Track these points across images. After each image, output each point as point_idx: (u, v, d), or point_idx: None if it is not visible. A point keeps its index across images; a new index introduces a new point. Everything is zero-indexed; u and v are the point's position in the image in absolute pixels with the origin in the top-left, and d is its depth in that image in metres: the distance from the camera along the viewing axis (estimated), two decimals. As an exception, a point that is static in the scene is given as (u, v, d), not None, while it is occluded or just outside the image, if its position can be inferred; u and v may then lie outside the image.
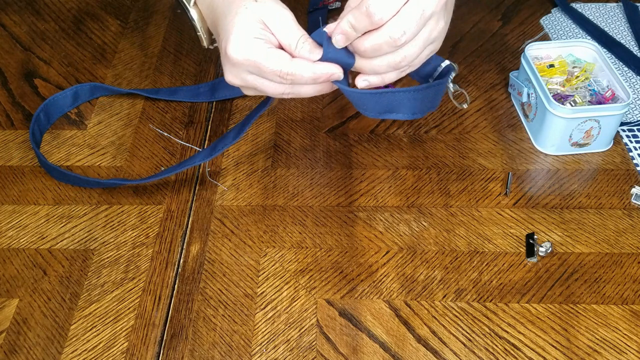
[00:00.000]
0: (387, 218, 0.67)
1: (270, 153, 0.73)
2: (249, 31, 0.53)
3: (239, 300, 0.61)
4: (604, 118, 0.68)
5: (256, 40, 0.53)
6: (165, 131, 0.77)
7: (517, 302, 0.60)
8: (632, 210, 0.67)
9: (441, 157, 0.72)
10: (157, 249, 0.65)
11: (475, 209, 0.67)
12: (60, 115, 0.78)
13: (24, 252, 0.65)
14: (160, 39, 0.89)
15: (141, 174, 0.72)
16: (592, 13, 0.91)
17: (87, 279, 0.62)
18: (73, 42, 0.89)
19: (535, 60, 0.76)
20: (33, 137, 0.74)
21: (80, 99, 0.80)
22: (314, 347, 0.57)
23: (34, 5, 0.96)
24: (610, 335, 0.57)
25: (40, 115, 0.76)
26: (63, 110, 0.79)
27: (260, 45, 0.53)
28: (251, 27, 0.53)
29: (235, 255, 0.64)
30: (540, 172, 0.71)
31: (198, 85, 0.81)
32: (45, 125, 0.77)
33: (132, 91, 0.80)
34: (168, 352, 0.57)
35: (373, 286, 0.61)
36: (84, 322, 0.59)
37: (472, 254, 0.63)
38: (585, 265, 0.62)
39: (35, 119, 0.75)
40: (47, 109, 0.77)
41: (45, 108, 0.77)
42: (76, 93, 0.79)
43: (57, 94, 0.78)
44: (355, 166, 0.72)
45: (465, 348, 0.57)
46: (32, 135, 0.74)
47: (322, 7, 0.91)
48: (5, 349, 0.58)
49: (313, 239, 0.65)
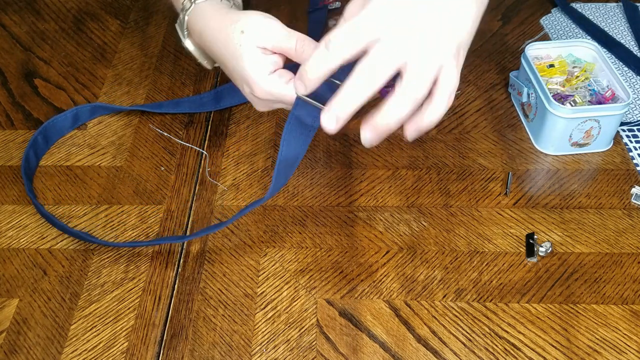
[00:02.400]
0: (387, 218, 0.67)
1: (270, 153, 0.74)
2: (260, 70, 0.56)
3: (239, 300, 0.61)
4: (604, 118, 0.68)
5: (270, 77, 0.56)
6: (165, 131, 0.77)
7: (517, 302, 0.60)
8: (632, 210, 0.67)
9: (441, 157, 0.72)
10: (157, 249, 0.65)
11: (475, 209, 0.67)
12: (59, 138, 0.76)
13: (24, 252, 0.65)
14: (160, 39, 0.89)
15: (141, 174, 0.72)
16: (592, 13, 0.91)
17: (87, 279, 0.62)
18: (73, 42, 0.89)
19: (535, 60, 0.76)
20: (26, 162, 0.71)
21: (80, 120, 0.77)
22: (314, 347, 0.57)
23: (34, 5, 0.96)
24: (610, 335, 0.57)
25: (38, 138, 0.73)
26: (62, 132, 0.76)
27: (274, 82, 0.56)
28: (258, 65, 0.56)
29: (235, 255, 0.64)
30: (540, 172, 0.71)
31: (201, 95, 0.79)
32: (44, 149, 0.74)
33: (134, 108, 0.79)
34: (168, 352, 0.57)
35: (373, 286, 0.61)
36: (84, 322, 0.59)
37: (472, 254, 0.64)
38: (585, 265, 0.62)
39: (32, 141, 0.72)
40: (46, 131, 0.74)
41: (44, 131, 0.74)
42: (76, 115, 0.77)
43: (57, 116, 0.76)
44: (355, 166, 0.72)
45: (465, 348, 0.57)
46: (25, 160, 0.70)
47: (322, 7, 0.91)
48: (5, 349, 0.58)
49: (313, 239, 0.65)
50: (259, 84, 0.56)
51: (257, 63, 0.56)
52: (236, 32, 0.56)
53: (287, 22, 0.57)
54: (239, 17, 0.57)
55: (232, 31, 0.56)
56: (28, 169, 0.71)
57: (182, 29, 0.63)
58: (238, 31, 0.56)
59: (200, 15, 0.60)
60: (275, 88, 0.56)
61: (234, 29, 0.56)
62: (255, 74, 0.56)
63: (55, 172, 0.72)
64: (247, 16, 0.56)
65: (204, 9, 0.60)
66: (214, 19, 0.59)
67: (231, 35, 0.56)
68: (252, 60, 0.56)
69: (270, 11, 0.58)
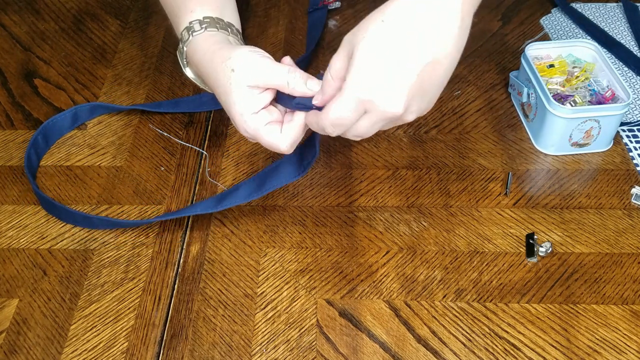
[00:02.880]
0: (387, 218, 0.67)
1: (271, 153, 0.73)
2: (247, 107, 0.57)
3: (239, 300, 0.61)
4: (604, 118, 0.68)
5: (255, 117, 0.57)
6: (165, 131, 0.77)
7: (517, 302, 0.60)
8: (632, 210, 0.67)
9: (441, 157, 0.72)
10: (157, 249, 0.65)
11: (475, 209, 0.67)
12: (59, 137, 0.76)
13: (24, 252, 0.65)
14: (160, 39, 0.89)
15: (141, 174, 0.72)
16: (592, 13, 0.91)
17: (87, 279, 0.62)
18: (73, 42, 0.89)
19: (535, 60, 0.76)
20: (29, 161, 0.71)
21: (80, 120, 0.77)
22: (314, 347, 0.57)
23: (34, 5, 0.96)
24: (610, 335, 0.57)
25: (38, 138, 0.73)
26: (62, 132, 0.76)
27: (258, 122, 0.57)
28: (243, 104, 0.57)
29: (235, 255, 0.64)
30: (540, 172, 0.71)
31: (200, 95, 0.79)
32: (44, 149, 0.74)
33: (134, 107, 0.79)
34: (168, 352, 0.57)
35: (373, 286, 0.61)
36: (84, 322, 0.59)
37: (472, 254, 0.63)
38: (585, 265, 0.62)
39: (32, 141, 0.72)
40: (46, 131, 0.74)
41: (43, 130, 0.74)
42: (75, 114, 0.77)
43: (57, 116, 0.76)
44: (355, 166, 0.72)
45: (465, 348, 0.57)
46: (28, 159, 0.71)
47: (322, 7, 0.91)
48: (5, 349, 0.58)
49: (313, 239, 0.65)
50: (245, 121, 0.57)
51: (243, 101, 0.56)
52: (227, 70, 0.57)
53: (287, 22, 0.58)
54: (230, 54, 0.57)
55: (223, 69, 0.57)
56: (31, 168, 0.71)
57: (182, 58, 0.64)
58: (229, 69, 0.57)
59: (197, 48, 0.61)
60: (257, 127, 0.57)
61: (224, 67, 0.57)
62: (240, 111, 0.57)
63: (55, 172, 0.72)
64: (237, 54, 0.57)
65: (200, 42, 0.61)
66: (208, 54, 0.60)
67: (222, 73, 0.57)
68: (239, 99, 0.56)
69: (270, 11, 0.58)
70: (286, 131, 0.57)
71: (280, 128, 0.57)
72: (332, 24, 0.89)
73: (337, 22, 0.90)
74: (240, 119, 0.57)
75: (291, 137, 0.57)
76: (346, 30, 0.51)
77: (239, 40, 0.64)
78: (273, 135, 0.57)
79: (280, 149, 0.57)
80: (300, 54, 0.84)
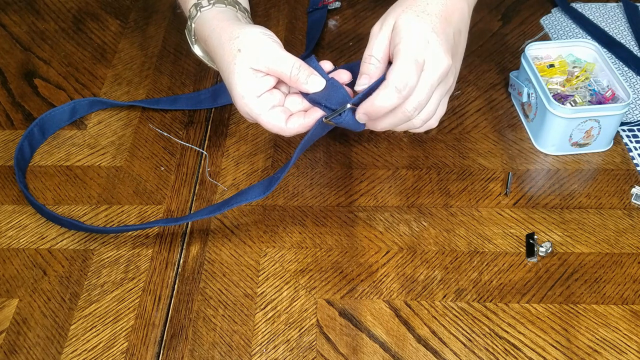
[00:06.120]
0: (387, 218, 0.67)
1: (270, 153, 0.73)
2: (247, 91, 0.57)
3: (239, 300, 0.61)
4: (604, 118, 0.68)
5: (258, 100, 0.57)
6: (165, 131, 0.76)
7: (517, 302, 0.60)
8: (632, 210, 0.67)
9: (441, 157, 0.72)
10: (157, 249, 0.65)
11: (475, 209, 0.67)
12: (56, 130, 0.76)
13: (24, 252, 0.65)
14: (160, 39, 0.89)
15: (141, 174, 0.72)
16: (592, 13, 0.91)
17: (87, 279, 0.62)
18: (73, 42, 0.89)
19: (535, 60, 0.76)
20: (20, 152, 0.71)
21: (78, 114, 0.77)
22: (314, 347, 0.57)
23: (34, 5, 0.96)
24: (611, 335, 0.57)
25: (34, 130, 0.73)
26: (60, 125, 0.76)
27: (262, 106, 0.57)
28: (246, 86, 0.57)
29: (235, 255, 0.64)
30: (540, 172, 0.71)
31: (199, 92, 0.80)
32: (40, 140, 0.74)
33: (132, 103, 0.79)
34: (168, 352, 0.57)
35: (373, 286, 0.61)
36: (83, 322, 0.59)
37: (472, 254, 0.63)
38: (585, 265, 0.62)
39: (27, 132, 0.72)
40: (43, 123, 0.74)
41: (40, 122, 0.74)
42: (74, 108, 0.77)
43: (55, 109, 0.76)
44: (355, 166, 0.72)
45: (465, 348, 0.57)
46: (19, 150, 0.70)
47: (322, 7, 0.91)
48: (5, 349, 0.58)
49: (313, 239, 0.65)
50: (246, 104, 0.57)
51: (246, 83, 0.56)
52: (233, 50, 0.57)
53: (287, 21, 0.58)
54: (238, 33, 0.57)
55: (230, 48, 0.57)
56: (22, 160, 0.71)
57: (190, 35, 0.64)
58: (235, 49, 0.57)
59: (205, 24, 0.61)
60: (259, 110, 0.57)
61: (231, 46, 0.57)
62: (242, 93, 0.57)
63: (55, 172, 0.72)
64: (246, 34, 0.57)
65: (208, 17, 0.61)
66: (216, 31, 0.59)
67: (228, 51, 0.57)
68: (242, 80, 0.56)
69: (270, 11, 0.59)
70: (294, 119, 0.58)
71: (283, 110, 0.58)
72: (332, 24, 0.89)
73: (337, 22, 0.89)
74: (241, 101, 0.57)
75: (296, 128, 0.58)
76: (346, 30, 0.52)
77: (247, 17, 0.64)
78: (277, 120, 0.57)
79: (284, 134, 0.58)
80: (300, 53, 0.84)
